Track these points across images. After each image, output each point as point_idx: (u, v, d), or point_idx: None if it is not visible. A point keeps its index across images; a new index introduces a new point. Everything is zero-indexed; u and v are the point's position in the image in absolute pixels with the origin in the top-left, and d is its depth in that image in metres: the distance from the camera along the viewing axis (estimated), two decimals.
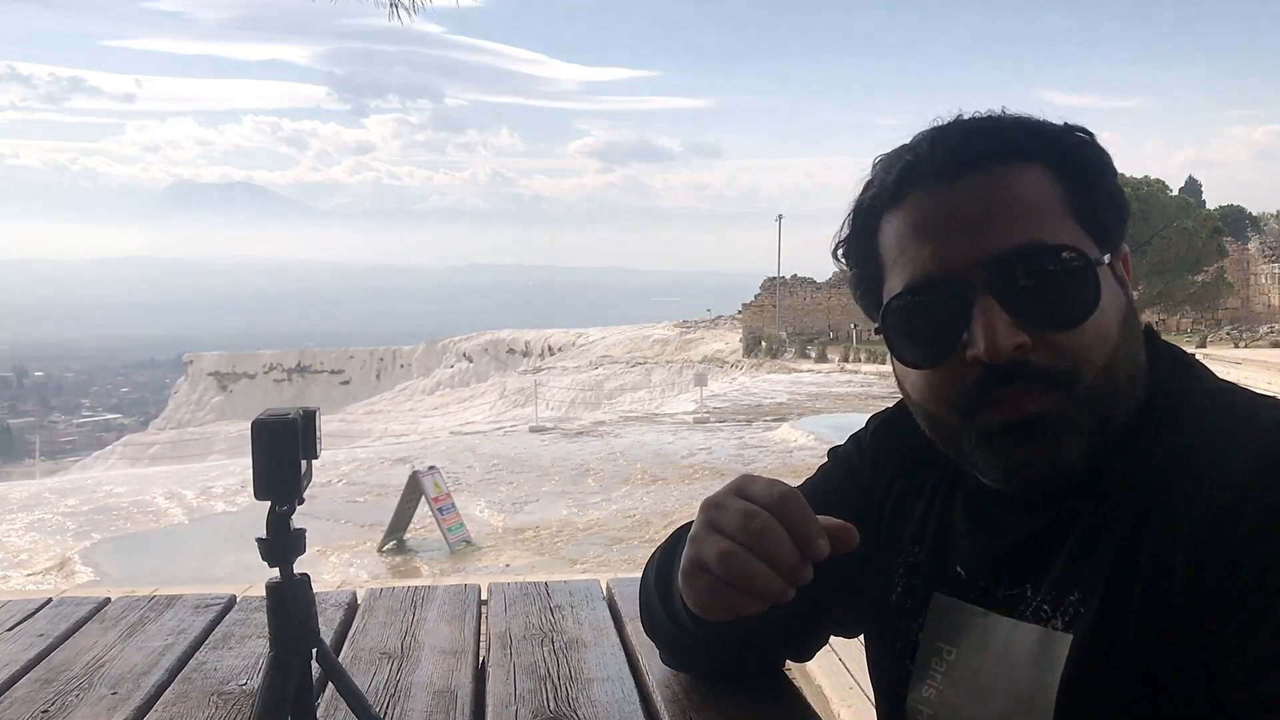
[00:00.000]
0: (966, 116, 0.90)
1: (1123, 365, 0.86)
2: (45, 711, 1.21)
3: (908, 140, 0.92)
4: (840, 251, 0.97)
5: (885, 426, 1.11)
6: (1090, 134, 0.91)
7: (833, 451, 1.18)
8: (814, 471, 1.19)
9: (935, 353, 0.87)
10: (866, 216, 0.92)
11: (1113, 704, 0.80)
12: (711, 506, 0.85)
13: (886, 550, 1.04)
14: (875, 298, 0.93)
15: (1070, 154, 0.88)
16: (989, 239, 0.83)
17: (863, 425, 1.16)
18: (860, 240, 0.94)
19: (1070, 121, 0.90)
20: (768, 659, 1.22)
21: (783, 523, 0.82)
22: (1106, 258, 0.87)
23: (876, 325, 0.92)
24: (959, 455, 0.91)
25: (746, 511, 0.82)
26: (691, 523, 0.89)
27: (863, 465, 1.11)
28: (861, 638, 1.12)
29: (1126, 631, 0.79)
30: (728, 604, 0.83)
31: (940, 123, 0.90)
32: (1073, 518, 0.87)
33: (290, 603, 0.93)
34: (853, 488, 1.10)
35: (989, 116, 0.90)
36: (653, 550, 1.20)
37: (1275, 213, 54.07)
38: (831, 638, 1.17)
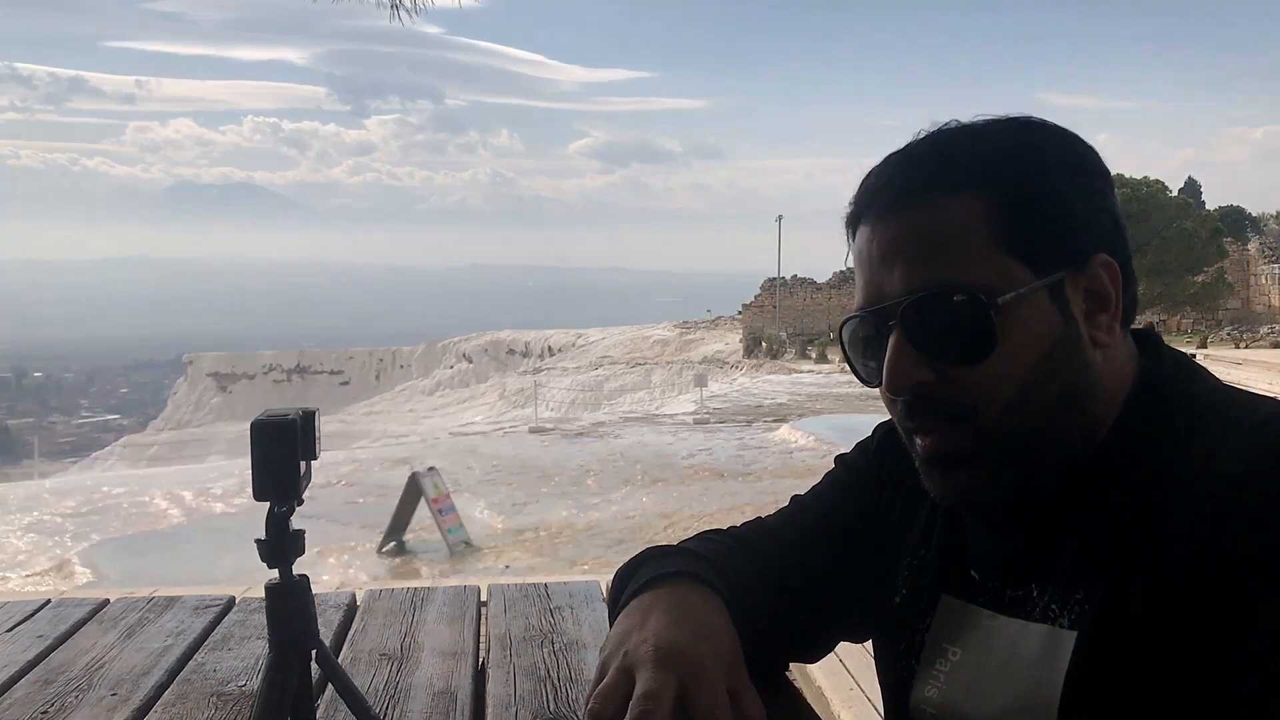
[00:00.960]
0: (921, 137, 0.91)
1: (1041, 398, 0.86)
2: (45, 712, 1.21)
3: (901, 144, 0.94)
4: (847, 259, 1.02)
5: (892, 434, 1.12)
6: (1039, 149, 0.89)
7: (840, 459, 1.18)
8: (820, 477, 1.19)
9: (869, 377, 0.93)
10: (849, 234, 0.97)
11: (1116, 698, 0.80)
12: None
13: (892, 554, 1.05)
14: None
15: (1008, 179, 0.87)
16: (902, 278, 0.87)
17: (869, 433, 1.17)
18: (852, 251, 0.98)
19: (1021, 137, 0.89)
20: (772, 661, 1.23)
21: None
22: (1042, 283, 0.85)
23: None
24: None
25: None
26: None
27: (870, 473, 1.12)
28: (864, 642, 1.13)
29: (1129, 626, 0.80)
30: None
31: (911, 139, 0.92)
32: (1077, 516, 0.87)
33: (290, 604, 0.93)
34: (860, 495, 1.11)
35: (933, 139, 0.91)
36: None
37: (1275, 213, 54.09)
38: None
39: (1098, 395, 0.88)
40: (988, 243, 0.86)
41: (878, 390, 0.94)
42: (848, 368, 0.97)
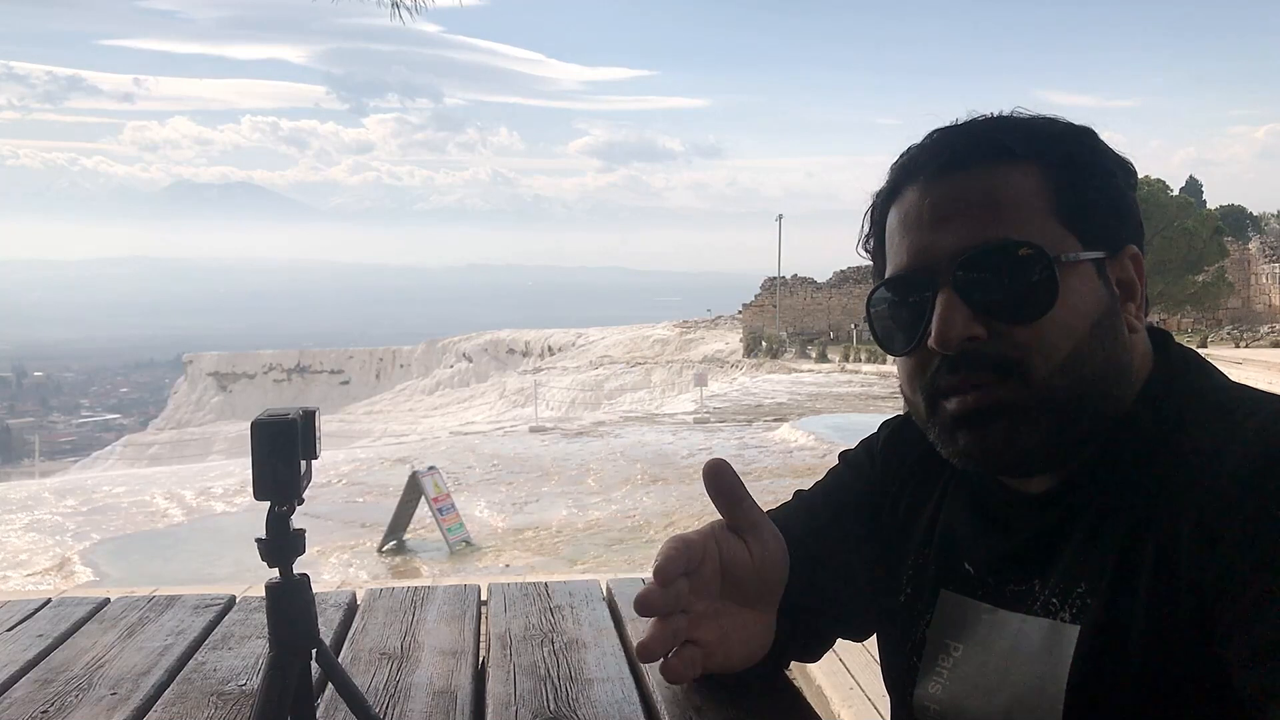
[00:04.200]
0: (974, 117, 0.93)
1: (1089, 364, 0.86)
2: (45, 712, 1.21)
3: (916, 140, 0.95)
4: (861, 247, 1.02)
5: (896, 431, 1.12)
6: (1092, 134, 0.92)
7: (843, 455, 1.18)
8: (824, 474, 1.19)
9: (904, 341, 0.92)
10: (878, 212, 0.97)
11: (1121, 693, 0.81)
12: None
13: (896, 553, 1.05)
14: None
15: (1065, 155, 0.89)
16: (958, 235, 0.87)
17: (874, 430, 1.17)
18: (874, 236, 0.99)
19: (1076, 122, 0.92)
20: (776, 654, 1.23)
21: None
22: (1089, 256, 0.88)
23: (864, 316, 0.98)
24: (934, 444, 0.94)
25: None
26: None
27: (873, 470, 1.12)
28: (864, 641, 1.13)
29: (1133, 621, 0.80)
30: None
31: (958, 120, 0.93)
32: (1080, 511, 0.88)
33: (290, 603, 0.93)
34: (863, 491, 1.11)
35: (989, 118, 0.92)
36: (656, 546, 1.20)
37: (1276, 212, 54.09)
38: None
39: (1129, 376, 0.89)
40: (1045, 209, 0.88)
41: (895, 364, 0.94)
42: (872, 336, 0.96)
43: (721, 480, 0.96)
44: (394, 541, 12.14)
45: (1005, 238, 0.86)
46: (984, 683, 0.91)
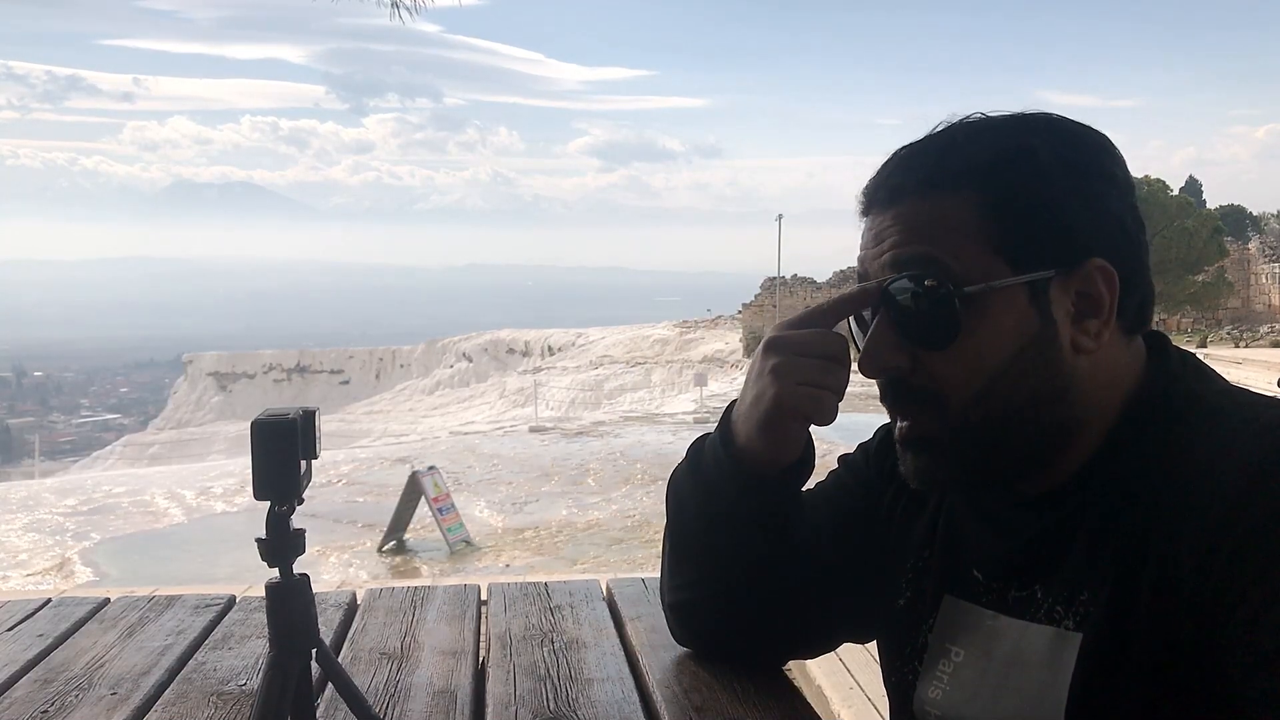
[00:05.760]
0: (930, 133, 0.94)
1: (1010, 394, 0.87)
2: (45, 712, 1.21)
3: (907, 140, 0.95)
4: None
5: (892, 435, 1.12)
6: (1051, 143, 0.89)
7: (842, 458, 1.19)
8: (825, 475, 1.19)
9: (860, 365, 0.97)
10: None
11: (1123, 700, 0.80)
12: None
13: (895, 556, 1.05)
14: None
15: (1007, 176, 0.88)
16: (888, 262, 0.91)
17: (869, 433, 1.17)
18: None
19: (1021, 140, 0.89)
20: (774, 651, 1.23)
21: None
22: (1020, 280, 0.86)
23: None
24: None
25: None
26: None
27: (870, 473, 1.12)
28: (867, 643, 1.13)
29: (1135, 628, 0.80)
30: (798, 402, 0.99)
31: (938, 127, 0.94)
32: (1082, 517, 0.87)
33: (290, 603, 0.93)
34: (861, 495, 1.12)
35: (931, 140, 0.93)
36: (656, 546, 1.22)
37: (1276, 212, 54.07)
38: None
39: (1071, 398, 0.88)
40: (971, 237, 0.88)
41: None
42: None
43: None
44: (394, 541, 12.14)
45: (921, 266, 0.88)
46: (985, 688, 0.91)
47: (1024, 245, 0.87)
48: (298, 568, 0.93)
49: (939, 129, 0.94)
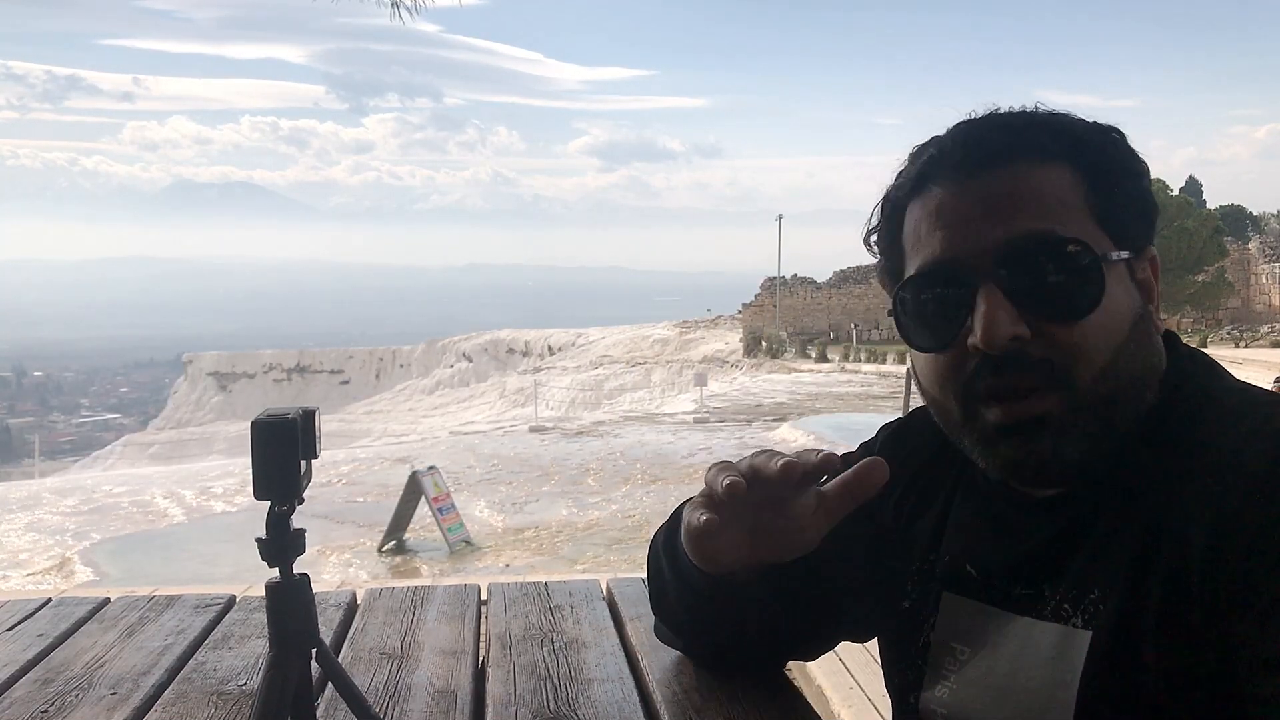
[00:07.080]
0: (999, 111, 0.91)
1: (1127, 367, 0.85)
2: (45, 712, 1.21)
3: (917, 139, 0.94)
4: (870, 239, 0.99)
5: (896, 435, 1.12)
6: (1121, 135, 0.91)
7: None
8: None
9: (939, 338, 0.88)
10: (893, 206, 0.95)
11: (1133, 699, 0.80)
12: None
13: (899, 558, 1.04)
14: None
15: (1095, 154, 0.88)
16: (997, 229, 0.85)
17: (870, 433, 1.16)
18: (887, 229, 0.96)
19: (1102, 122, 0.91)
20: (773, 652, 1.23)
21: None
22: (1122, 256, 0.87)
23: (889, 309, 0.94)
24: (964, 449, 0.92)
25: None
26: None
27: None
28: (867, 642, 1.12)
29: (1145, 627, 0.79)
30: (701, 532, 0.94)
31: (975, 114, 0.91)
32: (1092, 516, 0.87)
33: (290, 603, 0.93)
34: None
35: (1017, 113, 0.91)
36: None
37: (1276, 212, 54.08)
38: None
39: (1154, 380, 0.88)
40: (1082, 208, 0.87)
41: (915, 363, 0.93)
42: (899, 331, 0.92)
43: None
44: (394, 541, 12.13)
45: (1051, 231, 0.84)
46: (993, 686, 0.90)
47: (1118, 221, 0.88)
48: (298, 568, 0.93)
49: (996, 110, 0.91)
